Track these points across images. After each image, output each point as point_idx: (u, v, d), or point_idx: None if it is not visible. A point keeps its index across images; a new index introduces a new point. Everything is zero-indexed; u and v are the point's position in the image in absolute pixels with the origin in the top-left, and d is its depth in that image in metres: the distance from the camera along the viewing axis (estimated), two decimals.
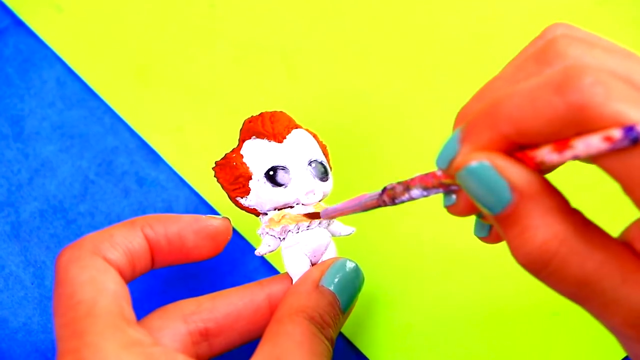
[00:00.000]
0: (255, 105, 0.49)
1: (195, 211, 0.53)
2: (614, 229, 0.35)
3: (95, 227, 0.53)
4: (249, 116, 0.47)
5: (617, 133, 0.31)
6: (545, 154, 0.33)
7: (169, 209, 0.54)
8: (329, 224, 0.46)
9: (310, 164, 0.46)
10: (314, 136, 0.47)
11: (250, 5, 0.58)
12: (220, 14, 0.58)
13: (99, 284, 0.39)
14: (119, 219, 0.53)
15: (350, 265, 0.45)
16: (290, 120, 0.47)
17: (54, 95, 0.57)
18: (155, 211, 0.54)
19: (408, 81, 0.56)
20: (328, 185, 0.46)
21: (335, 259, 0.45)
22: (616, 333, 0.35)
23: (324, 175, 0.46)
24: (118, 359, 0.37)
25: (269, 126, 0.46)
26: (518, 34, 0.56)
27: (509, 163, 0.34)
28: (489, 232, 0.40)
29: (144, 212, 0.54)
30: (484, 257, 0.51)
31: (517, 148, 0.34)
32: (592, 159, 0.33)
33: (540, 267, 0.33)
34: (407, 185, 0.38)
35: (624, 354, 0.49)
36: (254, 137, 0.46)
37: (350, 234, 0.47)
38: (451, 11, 0.57)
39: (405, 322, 0.50)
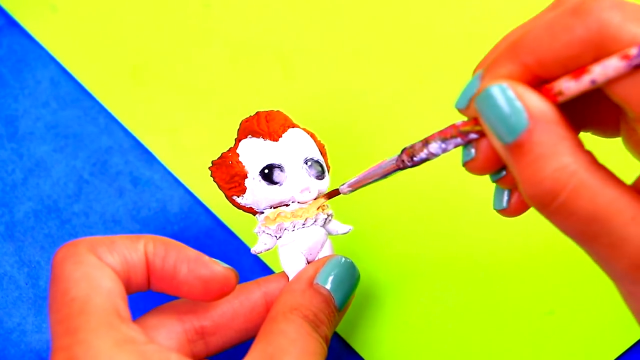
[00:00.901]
0: (250, 105, 0.48)
1: (190, 211, 0.53)
2: None
3: (89, 227, 0.53)
4: (246, 116, 0.47)
5: (634, 50, 0.32)
6: (563, 82, 0.34)
7: (163, 209, 0.53)
8: (325, 222, 0.46)
9: (306, 162, 0.46)
10: (312, 135, 0.47)
11: (244, 5, 0.58)
12: (215, 14, 0.58)
13: (93, 281, 0.39)
14: (113, 218, 0.53)
15: (345, 262, 0.44)
16: (286, 119, 0.47)
17: (48, 95, 0.57)
18: (149, 211, 0.54)
19: (404, 80, 0.56)
20: (324, 184, 0.46)
21: (331, 256, 0.45)
22: (620, 279, 0.34)
23: (320, 174, 0.46)
24: (110, 356, 0.37)
25: (264, 125, 0.46)
26: None
27: (527, 90, 0.34)
28: (508, 203, 0.39)
29: (138, 212, 0.54)
30: (480, 256, 0.51)
31: (538, 83, 0.34)
32: (608, 88, 0.33)
33: (549, 198, 0.33)
34: (425, 141, 0.39)
35: (618, 354, 0.48)
36: (249, 136, 0.46)
37: (348, 232, 0.47)
38: (447, 10, 0.57)
39: (401, 321, 0.49)
